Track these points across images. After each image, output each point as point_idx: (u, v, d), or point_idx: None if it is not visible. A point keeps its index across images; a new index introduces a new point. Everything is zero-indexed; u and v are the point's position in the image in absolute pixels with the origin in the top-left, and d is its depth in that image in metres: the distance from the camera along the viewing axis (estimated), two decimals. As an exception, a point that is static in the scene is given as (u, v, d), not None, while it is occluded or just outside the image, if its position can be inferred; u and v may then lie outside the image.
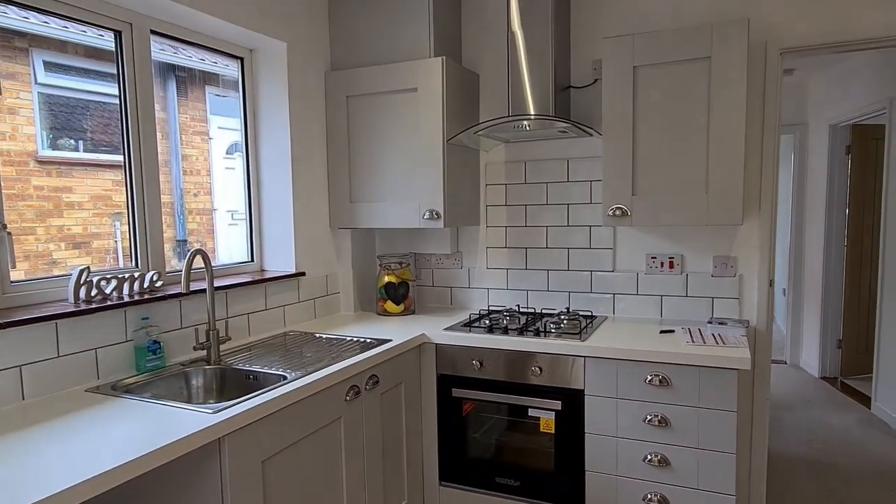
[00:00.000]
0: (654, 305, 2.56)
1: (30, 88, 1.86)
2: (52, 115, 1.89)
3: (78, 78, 1.95)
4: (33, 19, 1.83)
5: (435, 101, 2.49)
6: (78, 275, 1.75)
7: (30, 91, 1.86)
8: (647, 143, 2.23)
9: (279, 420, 1.60)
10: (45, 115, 1.87)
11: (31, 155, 1.80)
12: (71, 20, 1.87)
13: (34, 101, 1.86)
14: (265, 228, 2.64)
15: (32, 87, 1.87)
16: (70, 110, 1.94)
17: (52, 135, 1.88)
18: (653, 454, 2.03)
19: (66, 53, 1.94)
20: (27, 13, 1.79)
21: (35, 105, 1.86)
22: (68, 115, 1.93)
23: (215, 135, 2.52)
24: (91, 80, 1.98)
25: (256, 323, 2.38)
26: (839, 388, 4.44)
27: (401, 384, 2.25)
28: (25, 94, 1.84)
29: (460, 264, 2.95)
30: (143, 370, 1.83)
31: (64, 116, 1.92)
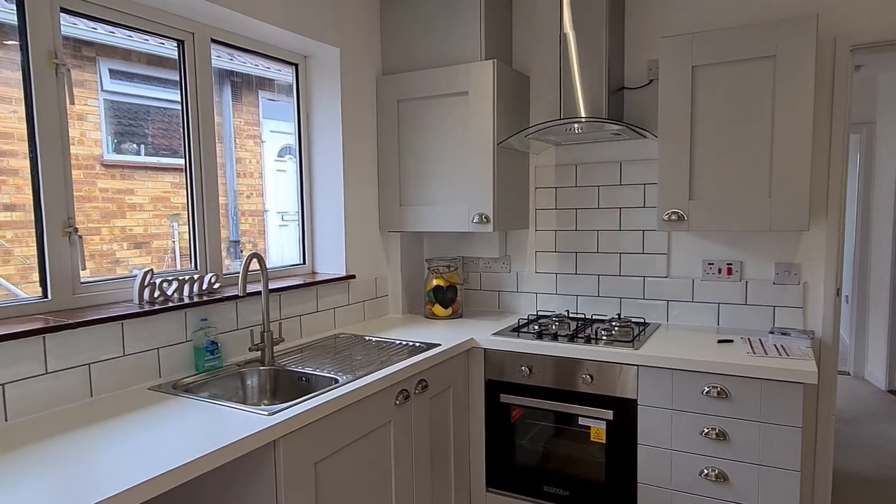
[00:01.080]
0: (711, 313, 2.47)
1: (97, 95, 1.94)
2: (116, 120, 1.97)
3: (140, 85, 2.03)
4: (101, 30, 1.91)
5: (485, 104, 2.48)
6: (142, 277, 1.82)
7: (97, 98, 1.95)
8: (705, 145, 2.15)
9: (331, 423, 1.61)
10: (109, 121, 1.95)
11: (97, 159, 1.88)
12: (138, 31, 1.95)
13: (100, 107, 1.94)
14: (317, 231, 2.69)
15: (99, 93, 1.96)
16: (132, 116, 2.02)
17: (116, 139, 1.96)
18: (710, 469, 1.96)
19: (130, 61, 2.02)
20: (95, 24, 1.87)
21: (101, 111, 1.94)
22: (131, 121, 2.01)
23: (267, 138, 2.58)
24: (152, 86, 2.05)
25: (308, 325, 2.42)
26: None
27: (449, 389, 2.25)
28: (93, 101, 1.92)
29: (508, 268, 2.92)
30: (202, 370, 1.89)
31: (127, 122, 2.00)
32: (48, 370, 1.53)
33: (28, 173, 1.66)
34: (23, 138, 1.65)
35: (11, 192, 1.64)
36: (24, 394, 1.49)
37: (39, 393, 1.52)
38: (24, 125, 1.64)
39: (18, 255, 1.69)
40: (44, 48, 1.65)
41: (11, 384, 1.46)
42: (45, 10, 1.65)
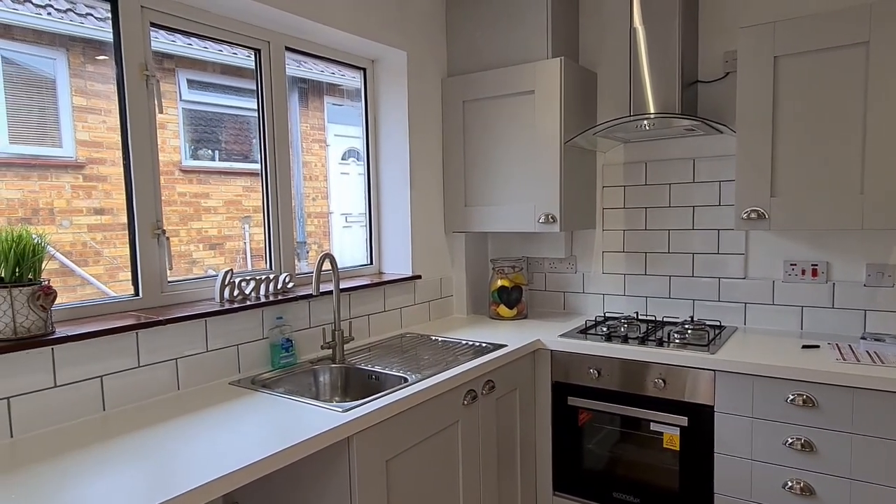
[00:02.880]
0: (793, 317, 2.34)
1: (176, 105, 2.05)
2: (192, 128, 2.07)
3: (215, 94, 2.13)
4: (179, 42, 2.02)
5: (552, 102, 2.45)
6: (223, 276, 1.91)
7: (176, 107, 2.05)
8: (788, 139, 2.04)
9: (402, 421, 1.64)
10: (187, 129, 2.06)
11: (175, 165, 1.99)
12: (220, 42, 2.04)
13: (179, 116, 2.05)
14: (384, 232, 2.73)
15: (178, 103, 2.07)
16: (207, 124, 2.12)
17: (192, 146, 2.06)
18: (794, 481, 1.85)
19: (206, 72, 2.12)
20: (174, 37, 1.97)
21: (179, 120, 2.04)
22: (206, 128, 2.11)
23: (332, 142, 2.65)
24: (226, 95, 2.15)
25: (375, 324, 2.47)
26: None
27: (515, 390, 2.23)
28: (172, 110, 2.03)
29: (574, 269, 2.87)
30: (277, 366, 1.96)
31: (202, 129, 2.11)
32: (140, 364, 1.63)
33: (115, 179, 1.77)
34: (111, 146, 1.76)
35: (101, 196, 1.76)
36: (120, 386, 1.59)
37: (132, 386, 1.62)
38: (113, 135, 1.76)
39: (107, 255, 1.80)
40: (136, 61, 1.75)
41: (109, 377, 1.57)
42: (137, 26, 1.76)
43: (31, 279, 1.42)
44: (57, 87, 1.71)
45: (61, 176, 1.72)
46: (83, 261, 1.77)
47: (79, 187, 1.74)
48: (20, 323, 1.39)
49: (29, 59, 1.66)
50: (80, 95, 1.73)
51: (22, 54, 1.64)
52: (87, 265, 1.78)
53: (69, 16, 1.75)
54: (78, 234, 1.76)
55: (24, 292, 1.40)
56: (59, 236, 1.71)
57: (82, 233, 1.77)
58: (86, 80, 1.75)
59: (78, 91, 1.73)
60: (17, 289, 1.39)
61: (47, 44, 1.71)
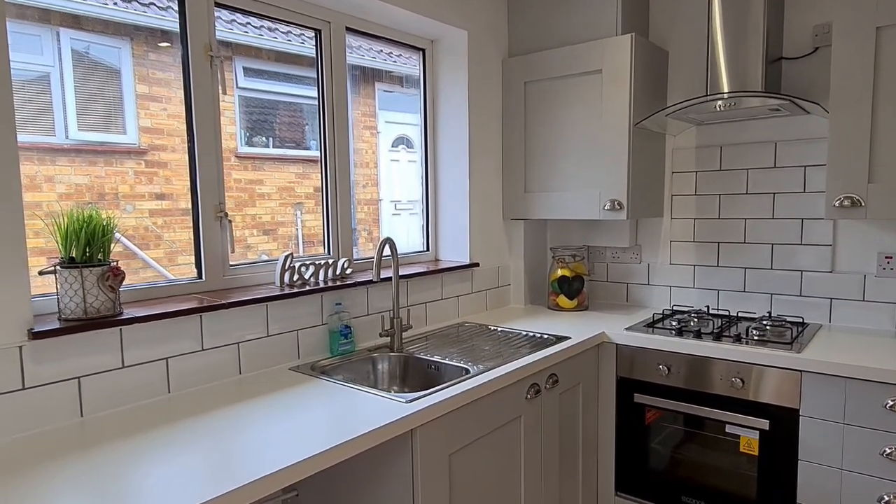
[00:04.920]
0: (887, 315, 2.14)
1: (232, 92, 2.04)
2: (248, 115, 2.07)
3: (270, 81, 2.11)
4: (236, 30, 2.00)
5: (621, 82, 2.31)
6: (283, 261, 1.88)
7: (232, 94, 2.04)
8: (890, 120, 1.84)
9: (465, 414, 1.57)
10: (243, 116, 2.06)
11: (232, 151, 1.98)
12: (280, 21, 2.01)
13: (235, 103, 2.04)
14: (441, 218, 2.67)
15: (234, 90, 2.05)
16: (262, 111, 2.11)
17: (248, 133, 2.05)
18: (892, 495, 1.69)
19: (261, 59, 2.10)
20: (231, 25, 1.95)
21: (236, 107, 2.04)
22: (260, 115, 2.10)
23: (382, 129, 2.59)
24: (280, 82, 2.14)
25: (432, 312, 2.41)
26: None
27: (578, 385, 2.13)
28: (228, 98, 2.02)
29: (639, 259, 2.73)
30: (336, 353, 1.93)
31: (258, 116, 2.10)
32: (203, 347, 1.63)
33: (175, 165, 1.77)
34: (171, 133, 1.76)
35: (162, 182, 1.77)
36: (184, 369, 1.59)
37: (196, 369, 1.61)
38: (173, 122, 1.76)
39: (167, 239, 1.81)
40: (200, 42, 1.73)
41: (174, 359, 1.57)
42: (202, 6, 1.73)
43: (100, 260, 1.42)
44: (122, 76, 1.73)
45: (125, 162, 1.74)
46: (145, 244, 1.79)
47: (141, 173, 1.76)
48: (90, 303, 1.40)
49: (96, 48, 1.67)
50: (143, 83, 1.75)
51: (90, 44, 1.66)
52: (148, 249, 1.80)
53: (133, 5, 1.75)
54: (140, 219, 1.78)
55: (94, 272, 1.40)
56: (122, 220, 1.73)
57: (144, 217, 1.79)
58: (148, 69, 1.76)
59: (141, 79, 1.75)
60: (88, 269, 1.39)
61: (112, 33, 1.72)
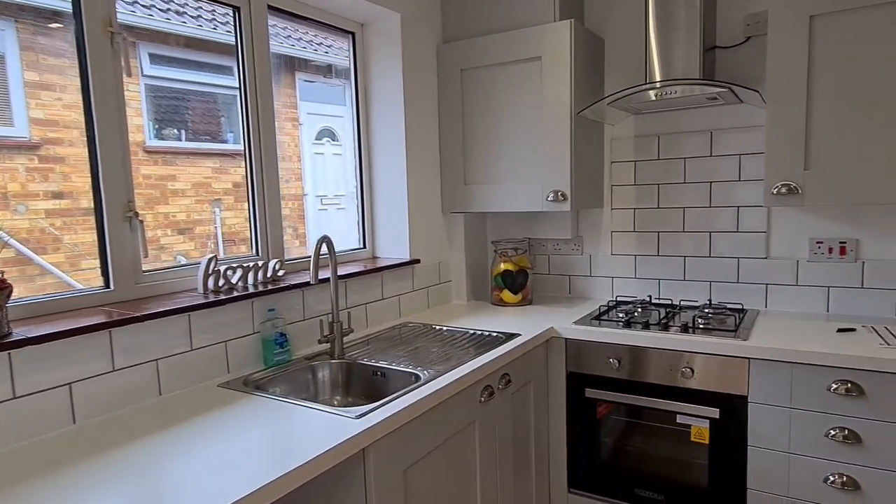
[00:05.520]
0: (819, 299, 2.21)
1: (137, 81, 1.85)
2: (156, 106, 1.88)
3: (180, 69, 1.93)
4: (139, 13, 1.80)
5: (561, 69, 2.25)
6: (206, 264, 1.68)
7: (137, 83, 1.85)
8: (824, 108, 1.88)
9: (420, 425, 1.45)
10: (150, 107, 1.87)
11: (139, 145, 1.79)
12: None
13: (141, 92, 1.86)
14: (377, 214, 2.52)
15: (140, 79, 1.86)
16: (171, 101, 1.92)
17: (157, 125, 1.87)
18: (836, 475, 1.73)
19: (169, 45, 1.91)
20: (133, 7, 1.74)
21: (142, 96, 1.85)
22: (171, 106, 1.91)
23: (305, 121, 2.43)
24: (190, 70, 1.94)
25: (373, 313, 2.27)
26: None
27: (529, 383, 2.06)
28: (134, 87, 1.83)
29: (580, 250, 2.71)
30: (271, 364, 1.75)
31: (167, 107, 1.90)
32: (115, 367, 1.41)
33: (74, 161, 1.55)
34: (68, 125, 1.54)
35: (59, 179, 1.54)
36: (93, 393, 1.36)
37: (107, 393, 1.39)
38: (70, 113, 1.54)
39: (68, 242, 1.58)
40: (98, 17, 1.50)
41: (79, 383, 1.34)
42: (97, -28, 1.50)
43: (-23, 272, 1.18)
44: (6, 62, 1.50)
45: (14, 157, 1.52)
46: (41, 248, 1.55)
47: (34, 169, 1.54)
48: (-35, 325, 1.16)
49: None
50: (32, 70, 1.54)
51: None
52: (45, 253, 1.57)
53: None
54: (35, 220, 1.55)
55: (-32, 288, 1.16)
56: (13, 223, 1.49)
57: (39, 218, 1.55)
58: (38, 54, 1.53)
59: (29, 65, 1.53)
60: (-40, 284, 1.15)
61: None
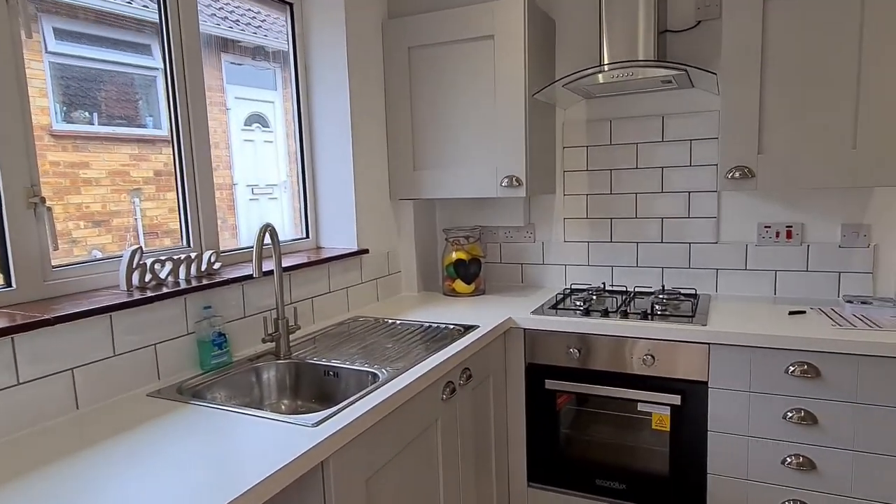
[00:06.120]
0: (767, 282, 2.25)
1: (41, 58, 1.61)
2: (64, 86, 1.65)
3: (90, 46, 1.69)
4: None
5: (515, 49, 2.16)
6: (130, 257, 1.48)
7: (41, 61, 1.61)
8: (777, 91, 1.89)
9: (382, 429, 1.32)
10: (57, 87, 1.64)
11: (45, 129, 1.56)
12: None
13: (46, 71, 1.62)
14: (321, 201, 2.35)
15: (43, 56, 1.62)
16: (81, 82, 1.69)
17: (65, 107, 1.64)
18: (794, 456, 1.74)
19: (77, 19, 1.68)
20: None
21: (47, 75, 1.62)
22: (81, 87, 1.68)
23: (232, 105, 2.24)
24: (103, 48, 1.72)
25: (320, 308, 2.11)
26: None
27: (489, 377, 1.98)
28: (36, 64, 1.59)
29: (533, 238, 2.64)
30: (209, 367, 1.57)
31: (76, 88, 1.67)
32: (20, 380, 1.20)
33: None
34: None
35: None
36: (-11, 412, 1.15)
37: (11, 409, 1.18)
38: None
39: None
40: (-13, -38, 1.26)
41: (-29, 402, 1.13)
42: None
43: None
44: None
45: None
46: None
47: None
48: None
49: None
50: None
51: None
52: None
53: None
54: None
55: None
56: None
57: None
58: None
59: None
60: None
61: None
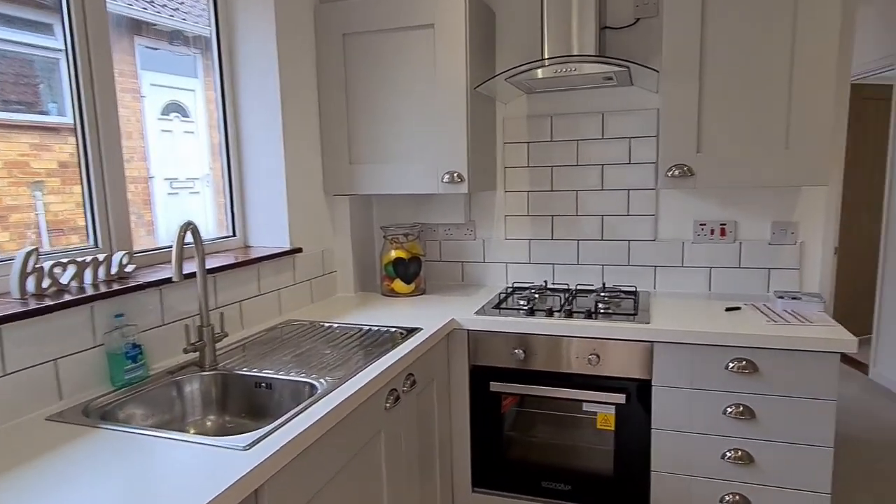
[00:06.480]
0: (702, 278, 2.29)
1: None
2: None
3: None
4: None
5: (456, 39, 2.08)
6: (23, 260, 1.28)
7: None
8: (715, 89, 1.91)
9: (324, 445, 1.21)
10: None
11: None
12: None
13: None
14: (249, 197, 2.18)
15: None
16: None
17: None
18: (733, 451, 1.77)
19: None
20: None
21: None
22: None
23: (148, 93, 2.05)
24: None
25: (250, 312, 1.95)
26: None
27: (433, 381, 1.89)
28: None
29: (473, 235, 2.58)
30: (122, 383, 1.38)
31: None
32: None
33: None
34: None
35: None
36: None
37: None
38: None
39: None
40: None
41: None
42: None
43: None
44: None
45: None
46: None
47: None
48: None
49: None
50: None
51: None
52: None
53: None
54: None
55: None
56: None
57: None
58: None
59: None
60: None
61: None
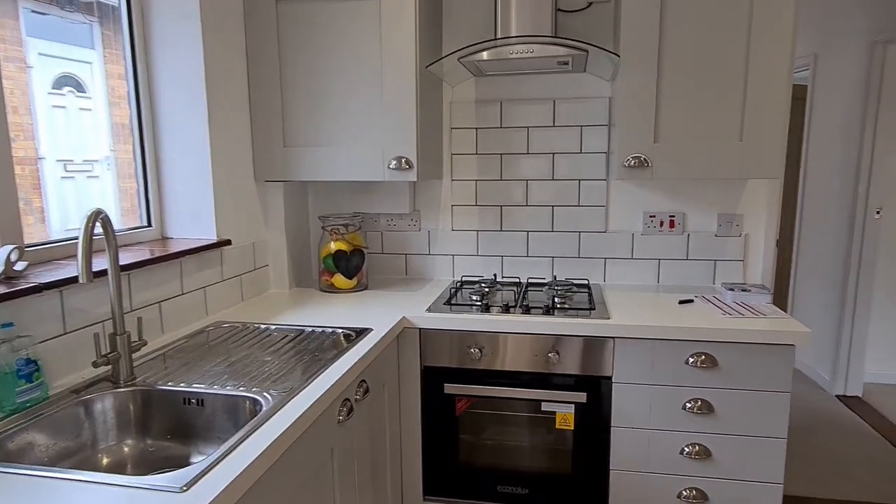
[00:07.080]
0: (651, 270, 2.27)
1: None
2: None
3: None
4: None
5: (405, 12, 1.91)
6: None
7: None
8: (673, 81, 1.86)
9: (273, 476, 1.03)
10: None
11: None
12: None
13: None
14: (166, 182, 1.92)
15: None
16: None
17: None
18: (691, 445, 1.75)
19: None
20: None
21: None
22: None
23: (35, 63, 1.76)
24: None
25: (171, 314, 1.70)
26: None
27: (384, 385, 1.74)
28: None
29: (418, 226, 2.43)
30: (13, 408, 1.13)
31: None
32: None
33: None
34: None
35: None
36: None
37: None
38: None
39: None
40: None
41: None
42: None
43: None
44: None
45: None
46: None
47: None
48: None
49: None
50: None
51: None
52: None
53: None
54: None
55: None
56: None
57: None
58: None
59: None
60: None
61: None
